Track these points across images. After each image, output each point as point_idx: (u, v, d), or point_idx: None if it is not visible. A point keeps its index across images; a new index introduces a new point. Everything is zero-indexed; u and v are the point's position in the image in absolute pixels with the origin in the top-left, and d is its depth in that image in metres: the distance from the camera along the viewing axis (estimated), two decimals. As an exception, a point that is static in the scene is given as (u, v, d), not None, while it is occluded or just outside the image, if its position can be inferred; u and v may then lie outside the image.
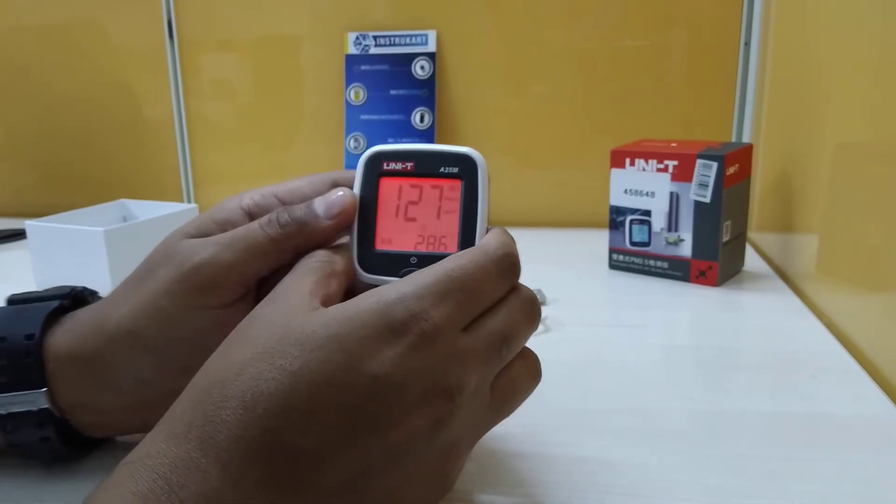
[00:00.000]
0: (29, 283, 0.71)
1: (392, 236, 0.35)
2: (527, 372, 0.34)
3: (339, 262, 0.34)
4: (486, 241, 0.33)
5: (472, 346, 0.30)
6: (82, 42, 1.04)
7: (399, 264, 0.35)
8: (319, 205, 0.35)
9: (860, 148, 0.56)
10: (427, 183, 0.35)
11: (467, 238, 0.34)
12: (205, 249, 0.35)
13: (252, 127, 1.02)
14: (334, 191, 0.35)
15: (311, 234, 0.34)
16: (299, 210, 0.35)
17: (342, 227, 0.35)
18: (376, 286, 0.31)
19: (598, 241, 0.79)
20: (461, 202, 0.35)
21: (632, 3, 0.89)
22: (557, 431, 0.42)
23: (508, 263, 0.32)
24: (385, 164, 0.36)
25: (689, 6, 0.88)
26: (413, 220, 0.35)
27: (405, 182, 0.36)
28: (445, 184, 0.35)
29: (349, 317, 0.28)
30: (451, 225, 0.35)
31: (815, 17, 0.68)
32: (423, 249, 0.35)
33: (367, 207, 0.36)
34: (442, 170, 0.35)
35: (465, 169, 0.35)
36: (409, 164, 0.36)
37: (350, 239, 0.36)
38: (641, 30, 0.90)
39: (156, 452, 0.26)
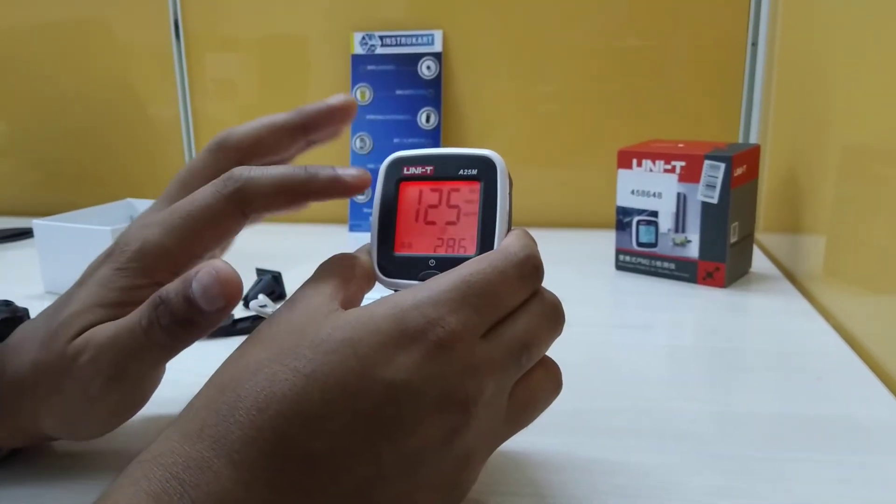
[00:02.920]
0: (36, 282, 0.72)
1: (412, 240, 0.35)
2: (547, 382, 0.33)
3: (359, 265, 0.34)
4: (507, 243, 0.32)
5: (490, 354, 0.29)
6: (88, 41, 1.04)
7: (418, 268, 0.35)
8: (200, 297, 0.30)
9: (867, 149, 0.56)
10: (446, 186, 0.35)
11: (486, 240, 0.34)
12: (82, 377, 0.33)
13: (258, 126, 1.02)
14: (206, 269, 0.31)
15: (201, 330, 0.32)
16: (179, 306, 0.31)
17: (231, 308, 0.31)
18: (398, 290, 0.31)
19: (605, 242, 0.79)
20: (480, 204, 0.35)
21: (639, 3, 0.89)
22: (563, 432, 0.42)
23: (530, 267, 0.31)
24: (405, 169, 0.36)
25: (696, 6, 0.88)
26: (432, 223, 0.35)
27: (425, 186, 0.36)
28: (464, 186, 0.35)
29: (363, 322, 0.28)
30: (469, 227, 0.35)
31: (822, 17, 0.68)
32: (441, 252, 0.35)
33: (388, 212, 0.36)
34: (461, 172, 0.35)
35: (484, 171, 0.35)
36: (429, 168, 0.36)
37: (371, 243, 0.36)
38: (648, 30, 0.90)
39: (169, 451, 0.26)
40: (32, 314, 0.40)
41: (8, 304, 0.40)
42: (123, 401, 0.35)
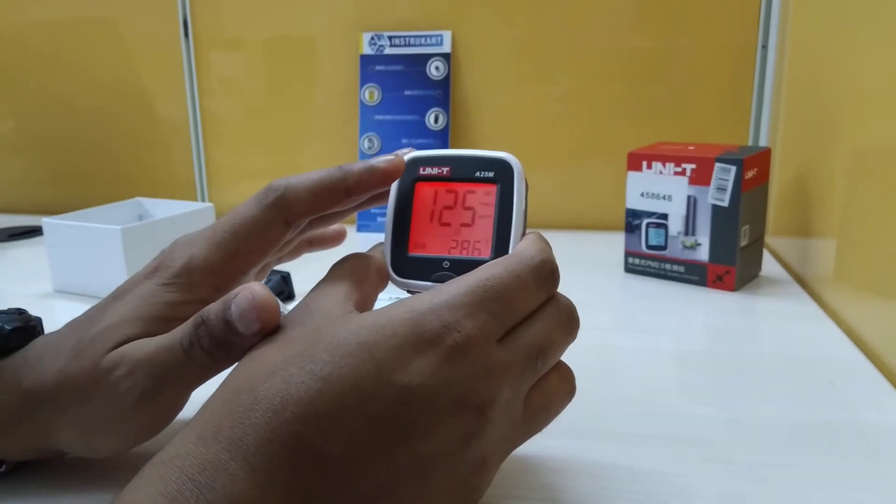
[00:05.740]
0: (45, 281, 0.72)
1: (426, 241, 0.35)
2: (561, 386, 0.33)
3: (373, 265, 0.34)
4: (523, 247, 0.32)
5: (506, 359, 0.29)
6: (97, 40, 1.04)
7: (432, 269, 0.34)
8: (238, 320, 0.30)
9: (878, 152, 0.56)
10: (462, 188, 0.35)
11: (501, 243, 0.34)
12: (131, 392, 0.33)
13: (266, 126, 1.02)
14: (243, 293, 0.30)
15: (240, 352, 0.31)
16: (218, 328, 0.30)
17: (267, 332, 0.31)
18: (411, 291, 0.30)
19: (614, 245, 0.79)
20: (496, 207, 0.34)
21: (648, 5, 0.89)
22: (573, 437, 0.42)
23: (546, 271, 0.31)
24: (421, 170, 0.36)
25: (706, 9, 0.88)
26: (447, 224, 0.35)
27: (441, 187, 0.36)
28: (481, 188, 0.35)
29: (380, 325, 0.28)
30: (485, 229, 0.35)
31: (832, 20, 0.68)
32: (456, 254, 0.35)
33: (403, 213, 0.36)
34: (478, 174, 0.35)
35: (501, 173, 0.35)
36: (446, 169, 0.36)
37: (385, 243, 0.36)
38: (658, 32, 0.89)
39: (185, 453, 0.26)
40: (43, 314, 0.40)
41: (21, 312, 0.38)
42: (152, 419, 0.34)
